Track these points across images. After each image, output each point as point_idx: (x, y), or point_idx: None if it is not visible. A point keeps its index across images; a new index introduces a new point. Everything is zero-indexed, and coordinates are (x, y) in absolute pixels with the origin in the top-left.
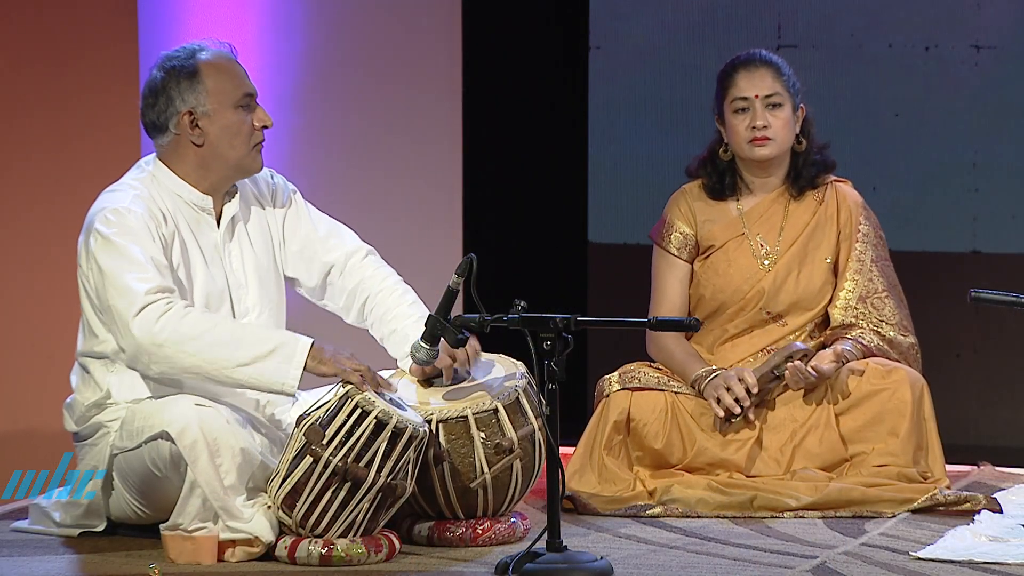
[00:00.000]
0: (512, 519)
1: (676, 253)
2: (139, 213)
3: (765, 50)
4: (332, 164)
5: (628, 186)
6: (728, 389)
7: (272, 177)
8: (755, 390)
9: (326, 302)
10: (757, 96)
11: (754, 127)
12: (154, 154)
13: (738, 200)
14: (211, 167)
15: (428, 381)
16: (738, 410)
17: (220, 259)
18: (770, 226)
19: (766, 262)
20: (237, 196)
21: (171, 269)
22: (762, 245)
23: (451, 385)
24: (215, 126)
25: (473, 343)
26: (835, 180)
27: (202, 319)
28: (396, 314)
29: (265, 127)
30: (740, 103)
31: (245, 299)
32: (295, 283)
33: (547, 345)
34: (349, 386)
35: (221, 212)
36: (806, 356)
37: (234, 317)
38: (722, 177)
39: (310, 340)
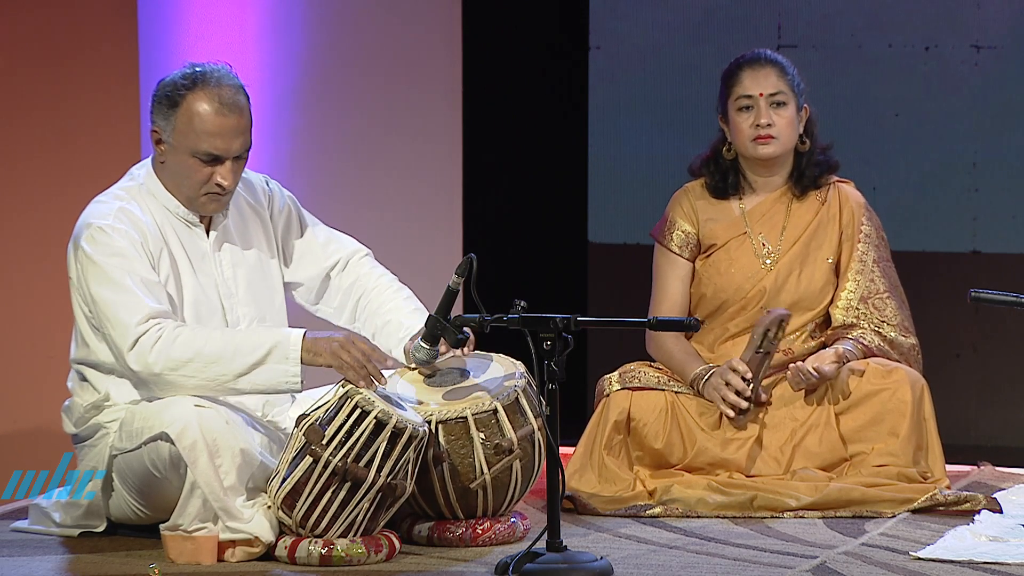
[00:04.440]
0: (512, 519)
1: (678, 251)
2: (124, 230)
3: (770, 50)
4: (332, 164)
5: (628, 186)
6: (727, 384)
7: (267, 184)
8: (748, 375)
9: (320, 306)
10: (762, 94)
11: (758, 125)
12: (149, 158)
13: (741, 199)
14: (175, 187)
15: (429, 377)
16: (744, 404)
17: (210, 269)
18: (772, 225)
19: (768, 261)
20: (230, 205)
21: (161, 284)
22: (764, 244)
23: (450, 386)
24: (170, 158)
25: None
26: (838, 180)
27: (192, 339)
28: (390, 307)
29: (220, 186)
30: (744, 101)
31: (237, 308)
32: (293, 287)
33: (547, 345)
34: (349, 386)
35: (211, 221)
36: (783, 321)
37: (227, 326)
38: (725, 176)
39: (301, 332)
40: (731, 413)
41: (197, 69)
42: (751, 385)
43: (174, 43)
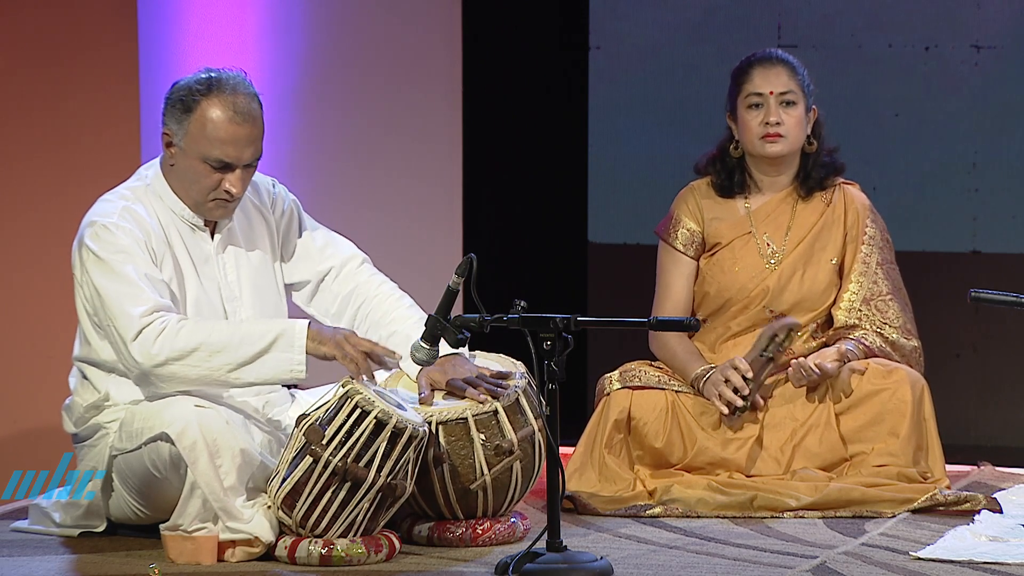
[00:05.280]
0: (512, 519)
1: (682, 249)
2: (128, 228)
3: (781, 50)
4: (332, 164)
5: (628, 186)
6: (726, 381)
7: (274, 186)
8: (750, 375)
9: (313, 308)
10: (772, 93)
11: (767, 123)
12: (159, 159)
13: (746, 198)
14: (183, 190)
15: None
16: (740, 402)
17: (213, 272)
18: (777, 225)
19: (772, 261)
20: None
21: (164, 282)
22: (768, 244)
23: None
24: (180, 162)
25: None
26: (843, 182)
27: (197, 330)
28: (394, 317)
29: (229, 192)
30: (754, 99)
31: (240, 311)
32: (290, 289)
33: (547, 345)
34: (349, 386)
35: (216, 224)
36: (792, 330)
37: None
38: (731, 175)
39: (306, 322)
40: (725, 410)
41: (213, 75)
42: (750, 385)
43: (174, 43)
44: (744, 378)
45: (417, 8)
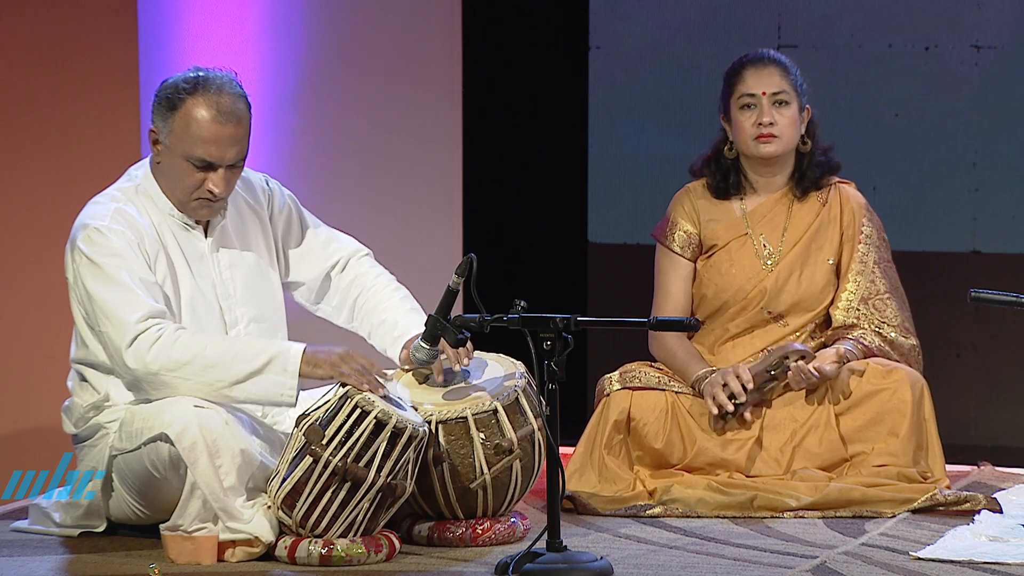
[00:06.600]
0: (512, 519)
1: (679, 252)
2: (120, 231)
3: (773, 50)
4: (332, 164)
5: (628, 186)
6: (724, 385)
7: (267, 183)
8: (751, 385)
9: (322, 305)
10: (764, 93)
11: (760, 124)
12: (148, 158)
13: (742, 200)
14: (169, 189)
15: (425, 378)
16: (731, 407)
17: (207, 270)
18: (773, 226)
19: (769, 262)
20: (228, 206)
21: (158, 285)
22: (765, 245)
23: (448, 385)
24: (165, 160)
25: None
26: (839, 181)
27: (193, 342)
28: (386, 306)
29: (211, 192)
30: (747, 100)
31: (235, 309)
32: (293, 287)
33: (547, 345)
34: (349, 386)
35: (209, 222)
36: (803, 357)
37: (225, 327)
38: (726, 176)
39: (302, 346)
40: (715, 411)
41: (200, 74)
42: (748, 396)
43: (174, 43)
44: (744, 387)
45: (417, 8)
